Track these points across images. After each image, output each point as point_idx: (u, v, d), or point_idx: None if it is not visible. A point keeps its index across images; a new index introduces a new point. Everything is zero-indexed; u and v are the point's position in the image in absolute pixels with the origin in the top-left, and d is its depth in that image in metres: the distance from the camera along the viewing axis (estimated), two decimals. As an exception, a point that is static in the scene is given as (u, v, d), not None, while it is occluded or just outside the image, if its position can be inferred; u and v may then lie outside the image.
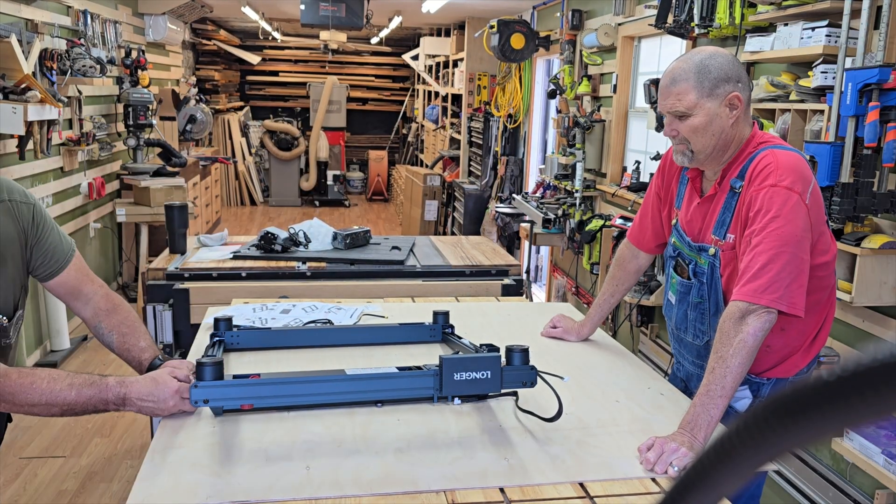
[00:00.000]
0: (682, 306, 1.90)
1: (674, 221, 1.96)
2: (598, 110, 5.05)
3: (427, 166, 9.90)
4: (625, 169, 4.83)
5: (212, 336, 1.96)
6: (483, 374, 1.58)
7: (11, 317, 1.73)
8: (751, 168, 1.71)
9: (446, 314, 2.11)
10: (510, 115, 7.13)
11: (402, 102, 13.50)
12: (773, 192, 1.63)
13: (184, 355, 2.17)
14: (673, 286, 1.94)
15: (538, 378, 1.62)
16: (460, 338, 2.00)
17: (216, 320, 1.98)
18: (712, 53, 1.73)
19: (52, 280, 1.80)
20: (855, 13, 2.44)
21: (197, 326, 2.32)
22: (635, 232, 2.11)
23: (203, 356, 1.67)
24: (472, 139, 8.32)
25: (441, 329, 2.10)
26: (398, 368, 1.68)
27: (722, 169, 1.80)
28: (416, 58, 10.80)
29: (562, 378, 1.77)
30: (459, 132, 8.95)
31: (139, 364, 1.77)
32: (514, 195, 6.35)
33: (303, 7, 6.27)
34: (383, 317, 2.39)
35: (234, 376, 1.61)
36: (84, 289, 1.84)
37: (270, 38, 11.78)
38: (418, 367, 1.69)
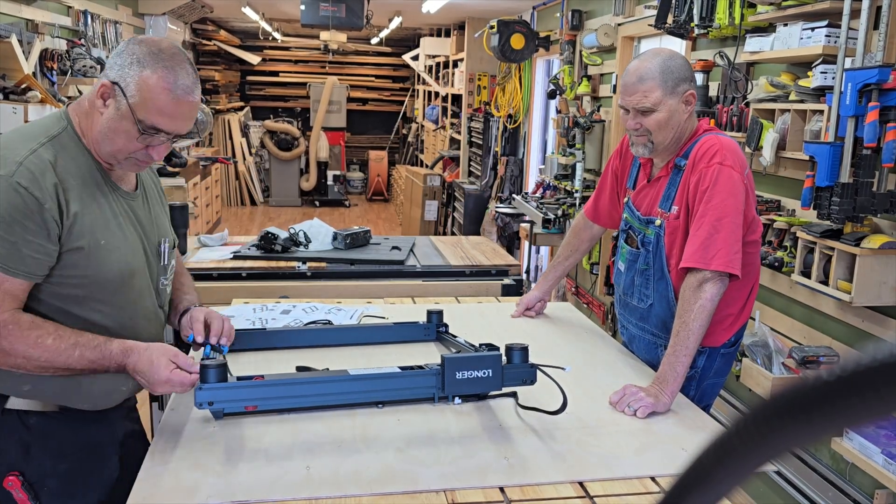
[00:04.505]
0: (630, 273, 2.08)
1: (626, 199, 2.15)
2: (598, 110, 5.05)
3: (427, 166, 9.90)
4: (625, 169, 4.82)
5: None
6: (484, 373, 1.59)
7: (174, 245, 1.75)
8: (695, 149, 1.91)
9: (440, 313, 2.15)
10: (510, 116, 7.12)
11: (402, 103, 13.50)
12: (720, 170, 1.83)
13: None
14: (623, 255, 2.13)
15: (540, 373, 1.63)
16: (455, 336, 2.02)
17: None
18: (672, 54, 1.93)
19: None
20: (854, 13, 2.44)
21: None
22: (591, 207, 2.34)
23: (204, 358, 1.67)
24: (472, 139, 8.32)
25: (435, 328, 2.13)
26: (400, 368, 1.69)
27: (672, 156, 1.99)
28: (416, 58, 10.80)
29: (563, 368, 1.78)
30: (459, 132, 8.95)
31: (176, 307, 1.81)
32: (513, 195, 6.35)
33: (303, 7, 6.27)
34: (383, 317, 2.39)
35: (238, 378, 1.61)
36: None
37: (270, 38, 11.78)
38: (420, 367, 1.70)
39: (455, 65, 9.25)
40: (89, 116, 1.49)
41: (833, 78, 2.49)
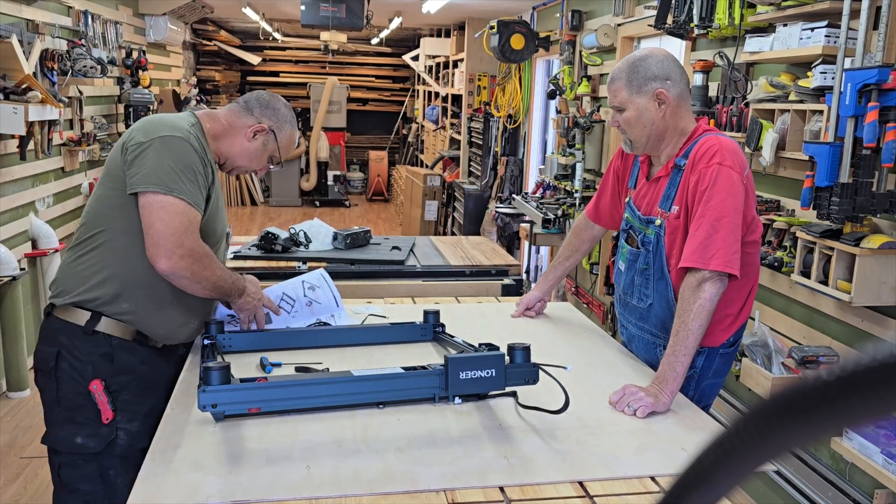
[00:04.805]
0: (630, 273, 2.09)
1: (627, 199, 2.16)
2: (598, 111, 5.05)
3: (427, 166, 9.90)
4: (625, 169, 4.83)
5: (204, 338, 1.97)
6: (488, 373, 1.60)
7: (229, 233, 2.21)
8: (695, 149, 1.91)
9: (437, 313, 2.16)
10: (510, 116, 7.12)
11: (402, 103, 13.49)
12: (719, 170, 1.83)
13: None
14: (623, 255, 2.13)
15: (542, 373, 1.64)
16: (452, 336, 2.02)
17: (207, 324, 1.99)
18: (648, 54, 1.97)
19: None
20: (854, 13, 2.44)
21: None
22: (592, 207, 2.35)
23: (206, 360, 1.68)
24: (472, 139, 8.32)
25: (432, 328, 2.13)
26: (403, 368, 1.69)
27: (672, 156, 2.00)
28: (416, 58, 10.80)
29: (564, 368, 1.78)
30: (459, 132, 8.95)
31: None
32: (513, 195, 6.35)
33: (303, 8, 6.27)
34: (384, 317, 2.39)
35: (242, 380, 1.61)
36: None
37: (271, 38, 11.78)
38: (423, 367, 1.70)
39: (455, 65, 9.25)
40: (227, 134, 2.02)
41: (833, 78, 2.49)
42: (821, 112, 2.62)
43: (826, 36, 2.56)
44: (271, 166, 2.15)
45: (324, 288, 2.31)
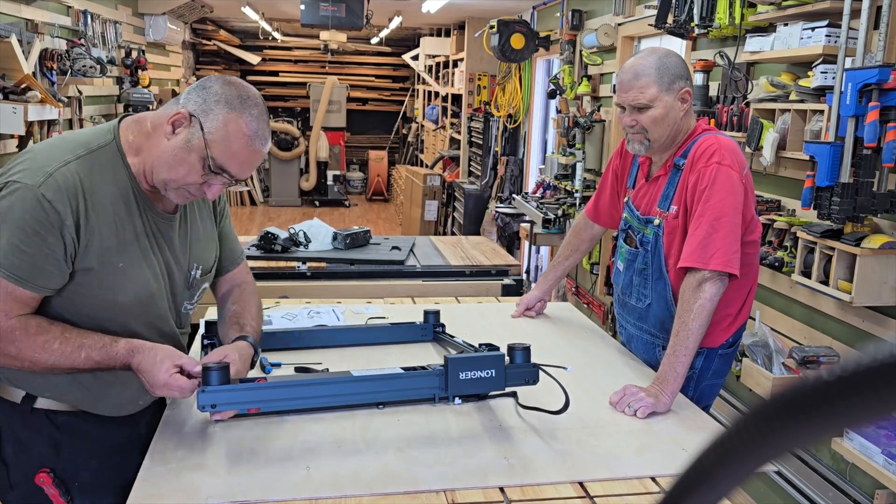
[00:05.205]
0: (629, 273, 2.09)
1: (626, 199, 2.16)
2: (598, 110, 5.05)
3: (427, 166, 9.90)
4: (625, 169, 4.82)
5: (203, 339, 1.96)
6: (488, 373, 1.59)
7: (208, 272, 1.69)
8: (694, 149, 1.91)
9: (437, 313, 2.15)
10: (510, 115, 7.12)
11: (402, 102, 13.49)
12: (718, 170, 1.83)
13: None
14: (622, 255, 2.13)
15: (542, 373, 1.63)
16: (452, 336, 2.02)
17: (207, 324, 1.99)
18: (667, 52, 1.95)
19: (223, 275, 1.81)
20: (855, 13, 2.44)
21: (197, 326, 2.31)
22: (591, 207, 2.35)
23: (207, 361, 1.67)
24: (472, 139, 8.32)
25: (432, 328, 2.13)
26: (403, 369, 1.69)
27: (671, 155, 1.99)
28: (416, 58, 10.80)
29: (564, 368, 1.78)
30: (459, 132, 8.95)
31: (231, 332, 1.71)
32: (513, 195, 6.35)
33: (303, 7, 6.27)
34: (384, 317, 2.39)
35: (241, 380, 1.61)
36: (240, 280, 1.85)
37: (270, 38, 11.78)
38: (423, 367, 1.70)
39: (455, 65, 9.25)
40: (150, 138, 1.47)
41: (833, 78, 2.49)
42: (821, 112, 2.62)
43: (827, 36, 2.56)
44: (215, 182, 1.48)
45: (328, 316, 2.34)
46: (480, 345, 1.74)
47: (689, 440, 1.60)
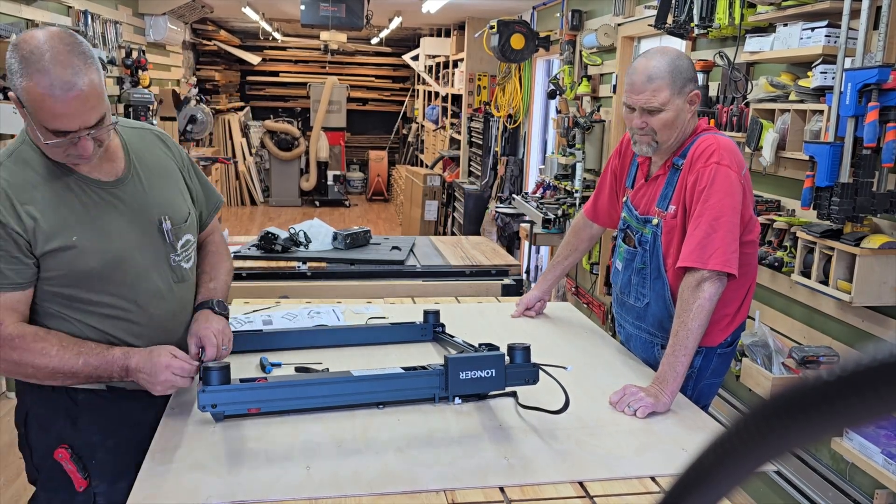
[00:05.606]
0: (627, 272, 2.09)
1: (625, 199, 2.16)
2: (598, 110, 5.05)
3: (427, 166, 9.89)
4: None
5: None
6: (488, 373, 1.60)
7: (183, 221, 1.71)
8: (693, 149, 1.91)
9: (437, 313, 2.15)
10: (510, 116, 7.12)
11: (402, 103, 13.49)
12: (717, 170, 1.83)
13: None
14: (620, 254, 2.13)
15: (542, 373, 1.64)
16: (452, 336, 2.02)
17: None
18: (679, 54, 1.93)
19: (207, 221, 1.89)
20: (854, 13, 2.44)
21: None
22: (590, 207, 2.35)
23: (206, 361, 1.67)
24: (472, 139, 8.32)
25: (432, 328, 2.13)
26: (403, 369, 1.69)
27: (670, 155, 1.99)
28: (416, 58, 10.80)
29: (564, 368, 1.78)
30: (459, 132, 8.95)
31: (196, 295, 1.81)
32: (513, 195, 6.35)
33: (303, 7, 6.27)
34: (384, 317, 2.39)
35: (241, 380, 1.61)
36: (211, 236, 1.94)
37: (271, 38, 11.78)
38: (423, 367, 1.70)
39: (455, 65, 9.25)
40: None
41: (833, 78, 2.49)
42: (821, 112, 2.62)
43: (826, 36, 2.56)
44: (68, 142, 1.46)
45: (328, 316, 2.34)
46: (480, 345, 1.74)
47: (689, 440, 1.60)
